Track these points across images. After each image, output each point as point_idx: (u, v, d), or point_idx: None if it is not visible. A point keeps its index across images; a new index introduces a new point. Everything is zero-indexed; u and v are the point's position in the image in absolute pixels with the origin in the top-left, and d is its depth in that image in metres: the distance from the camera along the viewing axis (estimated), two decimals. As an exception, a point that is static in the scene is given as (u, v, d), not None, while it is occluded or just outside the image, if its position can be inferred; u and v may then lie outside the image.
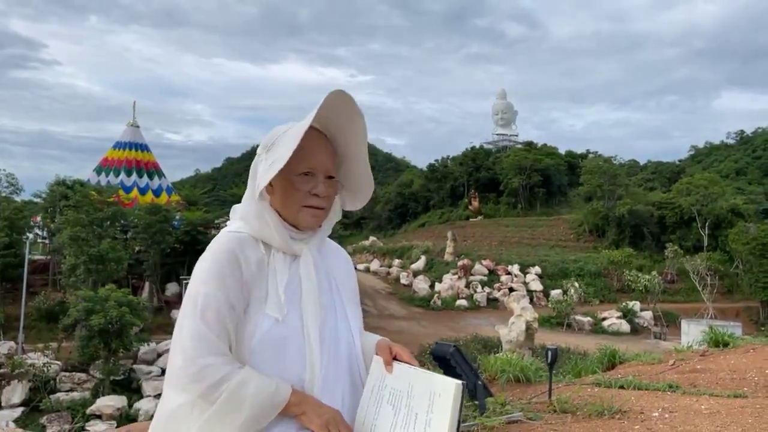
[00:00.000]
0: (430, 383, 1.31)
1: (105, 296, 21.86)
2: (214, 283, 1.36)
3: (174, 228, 34.53)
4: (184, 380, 1.33)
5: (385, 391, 1.39)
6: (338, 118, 1.49)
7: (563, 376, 6.48)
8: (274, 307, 1.40)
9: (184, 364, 1.33)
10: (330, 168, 1.50)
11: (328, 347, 1.45)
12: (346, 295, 1.59)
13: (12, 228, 33.61)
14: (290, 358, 1.38)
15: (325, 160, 1.49)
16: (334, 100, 1.43)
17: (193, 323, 1.35)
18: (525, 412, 3.94)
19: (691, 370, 5.98)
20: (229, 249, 1.41)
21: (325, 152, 1.50)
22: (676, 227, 51.95)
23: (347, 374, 1.49)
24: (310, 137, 1.46)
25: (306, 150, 1.45)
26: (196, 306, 1.36)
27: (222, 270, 1.38)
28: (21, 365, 20.79)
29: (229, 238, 1.44)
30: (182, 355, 1.34)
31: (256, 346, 1.37)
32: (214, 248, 1.42)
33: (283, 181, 1.46)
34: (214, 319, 1.35)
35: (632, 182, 68.66)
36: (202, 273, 1.39)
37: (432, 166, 78.55)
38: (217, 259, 1.40)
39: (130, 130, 47.14)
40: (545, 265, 46.04)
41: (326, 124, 1.51)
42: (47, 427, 19.32)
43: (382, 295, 43.55)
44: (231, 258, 1.39)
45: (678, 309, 39.11)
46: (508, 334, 22.51)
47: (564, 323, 35.40)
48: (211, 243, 1.45)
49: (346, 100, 1.45)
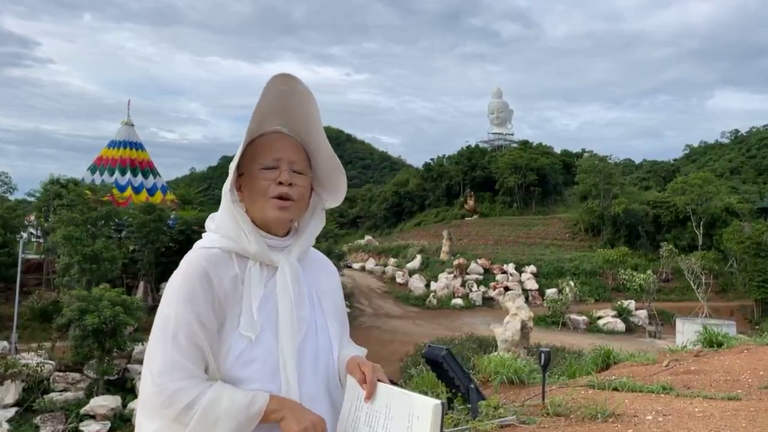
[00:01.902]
0: (409, 403, 1.26)
1: (99, 296, 21.74)
2: (185, 304, 1.31)
3: (168, 227, 34.41)
4: (156, 406, 1.28)
5: (361, 412, 1.34)
6: (292, 107, 1.45)
7: (557, 377, 6.47)
8: (247, 326, 1.34)
9: (155, 390, 1.28)
10: (295, 160, 1.44)
11: (306, 366, 1.38)
12: (328, 309, 1.52)
13: (5, 227, 33.41)
14: (264, 379, 1.32)
15: (289, 152, 1.44)
16: (284, 89, 1.41)
17: (164, 347, 1.29)
18: (518, 415, 3.91)
19: (685, 371, 5.97)
20: (201, 267, 1.35)
21: (289, 144, 1.46)
22: (671, 226, 52.09)
23: (327, 394, 1.42)
24: (275, 134, 1.46)
25: (269, 143, 1.43)
26: (167, 329, 1.30)
27: (193, 289, 1.32)
28: (14, 365, 20.66)
29: (200, 256, 1.38)
30: (153, 381, 1.28)
31: (230, 367, 1.31)
32: (185, 267, 1.36)
33: (249, 180, 1.43)
34: (186, 342, 1.29)
35: (627, 181, 68.85)
36: (172, 293, 1.33)
37: (427, 165, 78.48)
38: (188, 278, 1.33)
39: (124, 128, 46.94)
40: (541, 264, 46.11)
41: (289, 123, 1.48)
42: (41, 427, 19.23)
43: (378, 294, 43.53)
44: (202, 276, 1.33)
45: (673, 308, 39.23)
46: (504, 334, 22.49)
47: (559, 322, 35.44)
48: (183, 261, 1.38)
49: (294, 84, 1.41)
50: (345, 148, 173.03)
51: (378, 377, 1.35)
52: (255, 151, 1.42)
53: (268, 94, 1.38)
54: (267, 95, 1.38)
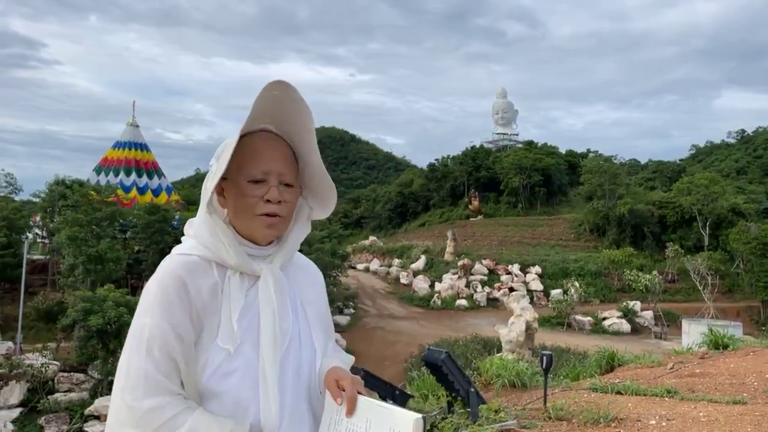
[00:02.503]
0: (389, 418, 1.22)
1: (103, 296, 21.77)
2: (160, 314, 1.24)
3: (173, 228, 34.44)
4: (126, 426, 1.21)
5: (341, 426, 1.29)
6: (286, 114, 1.37)
7: (561, 380, 6.41)
8: (226, 338, 1.27)
9: (127, 406, 1.20)
10: (284, 172, 1.35)
11: (288, 379, 1.33)
12: (313, 318, 1.46)
13: (11, 228, 33.58)
14: (243, 392, 1.26)
15: (278, 164, 1.35)
16: (277, 94, 1.32)
17: (137, 360, 1.22)
18: (519, 419, 3.86)
19: (690, 374, 5.90)
20: (177, 276, 1.28)
21: (277, 155, 1.36)
22: (676, 227, 51.87)
23: (309, 406, 1.37)
24: (262, 138, 1.35)
25: (256, 154, 1.34)
26: (141, 340, 1.23)
27: (169, 299, 1.25)
28: (19, 366, 20.72)
29: (177, 263, 1.31)
30: (122, 396, 1.21)
31: (207, 382, 1.25)
32: (161, 275, 1.29)
33: (234, 190, 1.34)
34: (161, 355, 1.22)
35: (633, 181, 68.60)
36: (147, 303, 1.27)
37: (432, 166, 78.39)
38: (164, 287, 1.26)
39: (129, 129, 47.04)
40: (545, 264, 45.98)
41: (279, 125, 1.39)
42: (45, 427, 19.26)
43: (382, 294, 43.49)
44: (178, 286, 1.26)
45: (679, 309, 39.06)
46: (508, 334, 22.45)
47: (564, 323, 35.32)
48: (159, 268, 1.32)
49: (289, 92, 1.33)
50: (349, 149, 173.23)
51: (358, 390, 1.30)
52: (242, 157, 1.32)
53: (259, 100, 1.31)
54: (258, 100, 1.31)
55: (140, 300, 1.30)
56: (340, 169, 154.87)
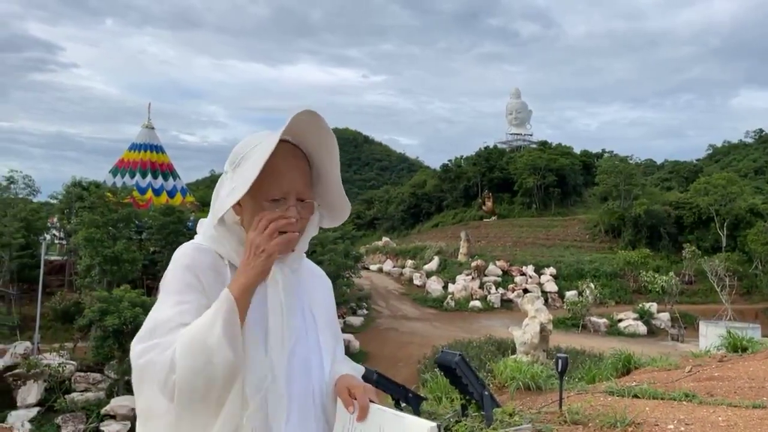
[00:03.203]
0: (402, 426, 1.21)
1: (119, 297, 21.97)
2: (176, 293, 1.29)
3: (188, 229, 34.67)
4: (144, 373, 1.20)
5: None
6: (310, 137, 1.38)
7: (576, 383, 6.35)
8: None
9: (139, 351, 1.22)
10: (303, 190, 1.36)
11: (296, 376, 1.33)
12: (321, 321, 1.46)
13: (29, 229, 33.99)
14: (251, 389, 1.26)
15: (297, 182, 1.36)
16: (303, 120, 1.32)
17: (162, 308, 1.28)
18: (534, 423, 3.82)
19: (709, 378, 5.82)
20: (189, 255, 1.34)
21: (296, 172, 1.36)
22: (693, 227, 51.30)
23: (320, 410, 1.37)
24: (281, 155, 1.33)
25: (277, 172, 1.33)
26: (167, 293, 1.30)
27: (183, 272, 1.31)
28: (37, 365, 20.98)
29: (190, 248, 1.36)
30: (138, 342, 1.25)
31: None
32: (174, 259, 1.34)
33: (252, 204, 1.34)
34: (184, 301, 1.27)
35: (649, 182, 67.87)
36: (161, 291, 1.32)
37: (445, 166, 78.15)
38: (178, 266, 1.32)
39: (145, 131, 47.40)
40: (560, 265, 45.69)
41: (299, 137, 1.39)
42: (62, 427, 19.49)
43: (395, 295, 43.47)
44: (189, 263, 1.32)
45: (696, 310, 38.59)
46: (522, 336, 22.30)
47: (579, 325, 35.05)
48: (176, 253, 1.36)
49: (316, 120, 1.33)
50: (362, 150, 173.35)
51: (369, 398, 1.30)
52: (262, 174, 1.30)
53: (287, 125, 1.31)
54: (287, 127, 1.31)
55: (162, 284, 1.34)
56: (353, 170, 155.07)
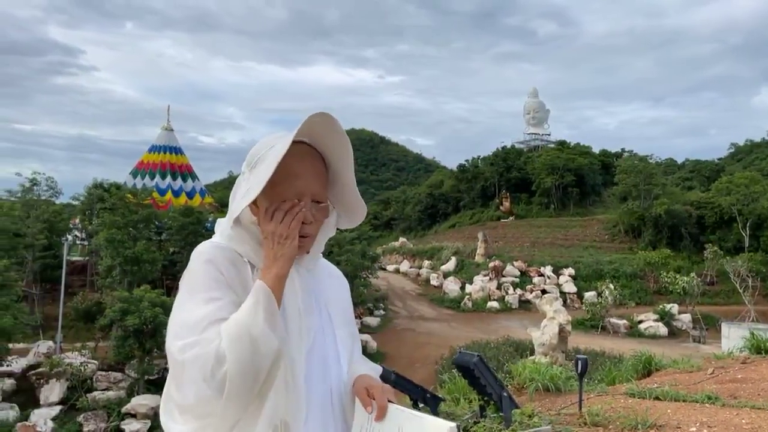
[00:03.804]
0: (421, 426, 1.20)
1: (140, 297, 22.24)
2: (203, 288, 1.29)
3: (206, 230, 34.98)
4: (186, 368, 1.21)
5: None
6: (325, 139, 1.38)
7: (596, 384, 6.28)
8: None
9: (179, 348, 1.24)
10: (318, 192, 1.37)
11: (314, 374, 1.34)
12: (338, 320, 1.47)
13: (52, 230, 34.56)
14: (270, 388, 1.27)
15: (312, 183, 1.36)
16: (318, 122, 1.33)
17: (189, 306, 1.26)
18: (554, 424, 3.79)
19: (732, 380, 5.72)
20: (209, 253, 1.34)
21: (311, 173, 1.37)
22: (715, 227, 50.56)
23: (338, 410, 1.37)
24: (297, 156, 1.34)
25: (292, 173, 1.33)
26: (192, 290, 1.29)
27: (213, 273, 1.30)
28: (59, 364, 21.33)
29: (210, 246, 1.37)
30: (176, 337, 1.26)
31: None
32: (194, 257, 1.35)
33: (268, 205, 1.35)
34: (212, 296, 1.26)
35: (669, 181, 66.96)
36: (183, 288, 1.32)
37: (462, 167, 77.92)
38: (199, 262, 1.33)
39: (164, 133, 47.95)
40: (579, 266, 45.30)
41: (315, 139, 1.39)
42: (84, 425, 19.79)
43: (412, 296, 43.44)
44: (210, 258, 1.32)
45: (718, 312, 38.01)
46: (541, 337, 22.17)
47: (599, 326, 34.73)
48: (195, 252, 1.36)
49: (330, 122, 1.34)
50: (379, 151, 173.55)
51: (388, 398, 1.30)
52: (276, 175, 1.30)
53: (301, 127, 1.31)
54: (300, 128, 1.31)
55: (181, 285, 1.34)
56: (370, 170, 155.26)
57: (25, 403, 20.44)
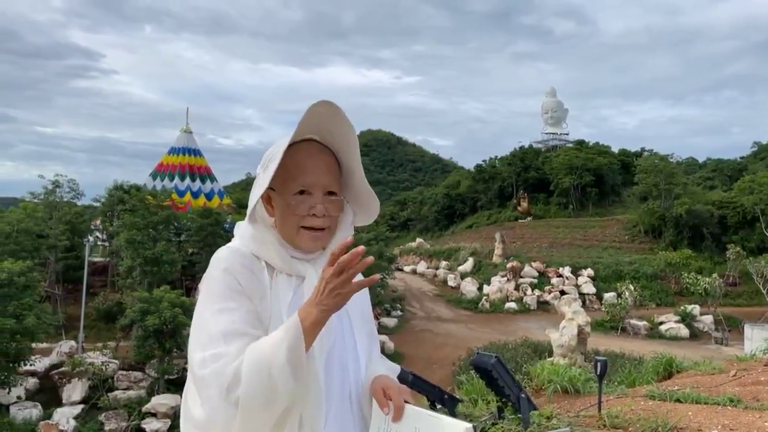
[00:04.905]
0: (438, 427, 1.21)
1: (159, 297, 22.47)
2: (220, 297, 1.30)
3: (225, 231, 35.27)
4: (210, 381, 1.21)
5: None
6: (334, 133, 1.40)
7: (615, 386, 6.22)
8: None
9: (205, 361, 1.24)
10: (329, 183, 1.39)
11: (335, 375, 1.35)
12: (357, 321, 1.48)
13: (74, 231, 35.06)
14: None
15: (322, 175, 1.38)
16: (323, 113, 1.34)
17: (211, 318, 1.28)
18: (572, 426, 3.76)
19: (754, 382, 5.63)
20: (228, 259, 1.35)
21: (322, 167, 1.39)
22: (738, 227, 49.74)
23: (357, 410, 1.39)
24: (306, 152, 1.37)
25: (301, 167, 1.36)
26: (211, 300, 1.30)
27: (230, 282, 1.31)
28: (81, 364, 21.60)
29: (229, 252, 1.38)
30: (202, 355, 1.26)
31: None
32: (213, 263, 1.36)
33: (280, 202, 1.38)
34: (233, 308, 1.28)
35: (690, 181, 66.02)
36: (202, 295, 1.33)
37: (479, 167, 77.53)
38: (218, 269, 1.34)
39: (183, 135, 48.43)
40: (598, 267, 44.85)
41: (324, 136, 1.41)
42: (105, 424, 20.03)
43: (429, 297, 43.35)
44: (228, 266, 1.33)
45: (740, 313, 37.36)
46: (560, 339, 21.99)
47: (618, 327, 34.35)
48: (215, 258, 1.37)
49: (335, 111, 1.35)
50: (396, 151, 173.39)
51: (405, 398, 1.30)
52: (287, 169, 1.36)
53: (305, 115, 1.33)
54: (304, 116, 1.33)
55: (201, 290, 1.35)
56: (387, 171, 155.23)
57: (48, 402, 20.75)
